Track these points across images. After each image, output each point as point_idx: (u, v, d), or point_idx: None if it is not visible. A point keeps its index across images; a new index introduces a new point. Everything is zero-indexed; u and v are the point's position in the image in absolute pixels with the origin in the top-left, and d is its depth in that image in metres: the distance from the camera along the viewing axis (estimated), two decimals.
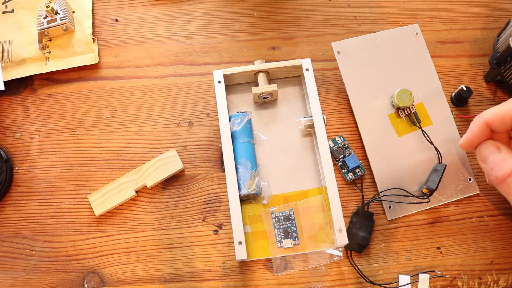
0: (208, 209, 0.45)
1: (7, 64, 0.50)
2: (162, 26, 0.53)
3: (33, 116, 0.49)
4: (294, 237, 0.41)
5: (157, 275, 0.43)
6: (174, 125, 0.48)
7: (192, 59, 0.51)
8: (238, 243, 0.39)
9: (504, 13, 0.53)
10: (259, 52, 0.51)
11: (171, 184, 0.46)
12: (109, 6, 0.54)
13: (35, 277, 0.43)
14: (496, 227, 0.44)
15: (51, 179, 0.46)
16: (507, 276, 0.43)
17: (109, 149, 0.47)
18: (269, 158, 0.45)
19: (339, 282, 0.43)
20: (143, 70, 0.51)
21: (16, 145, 0.48)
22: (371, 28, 0.52)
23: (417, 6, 0.54)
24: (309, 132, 0.46)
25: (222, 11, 0.53)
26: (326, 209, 0.42)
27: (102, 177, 0.46)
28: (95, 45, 0.51)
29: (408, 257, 0.43)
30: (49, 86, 0.50)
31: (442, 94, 0.47)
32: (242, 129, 0.44)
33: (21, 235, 0.45)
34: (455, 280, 0.43)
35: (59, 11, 0.50)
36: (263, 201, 0.43)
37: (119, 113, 0.49)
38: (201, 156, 0.47)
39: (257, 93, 0.45)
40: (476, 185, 0.45)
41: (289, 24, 0.53)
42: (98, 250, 0.44)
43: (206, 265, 0.43)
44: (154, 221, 0.45)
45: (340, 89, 0.50)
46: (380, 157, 0.45)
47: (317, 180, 0.44)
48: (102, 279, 0.43)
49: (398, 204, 0.44)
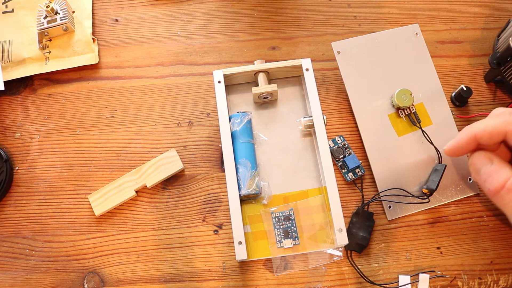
0: (208, 209, 0.45)
1: (7, 64, 0.50)
2: (162, 26, 0.53)
3: (33, 116, 0.49)
4: (294, 237, 0.41)
5: (157, 275, 0.43)
6: (174, 125, 0.48)
7: (192, 59, 0.51)
8: (238, 243, 0.39)
9: (504, 13, 0.53)
10: (259, 52, 0.51)
11: (171, 184, 0.46)
12: (109, 6, 0.54)
13: (35, 277, 0.43)
14: (496, 227, 0.44)
15: (51, 179, 0.46)
16: (507, 276, 0.43)
17: (109, 149, 0.47)
18: (269, 158, 0.45)
19: (339, 282, 0.43)
20: (143, 70, 0.51)
21: (16, 145, 0.48)
22: (371, 28, 0.52)
23: (417, 6, 0.54)
24: (309, 132, 0.46)
25: (222, 11, 0.53)
26: (326, 209, 0.42)
27: (102, 177, 0.46)
28: (95, 45, 0.51)
29: (408, 257, 0.43)
30: (49, 86, 0.50)
31: (442, 94, 0.47)
32: (242, 129, 0.44)
33: (21, 235, 0.45)
34: (455, 280, 0.43)
35: (59, 11, 0.50)
36: (263, 201, 0.43)
37: (119, 113, 0.49)
38: (201, 156, 0.47)
39: (257, 93, 0.45)
40: (476, 185, 0.45)
41: (289, 24, 0.53)
42: (98, 250, 0.44)
43: (206, 265, 0.43)
44: (154, 221, 0.45)
45: (340, 89, 0.50)
46: (380, 157, 0.45)
47: (317, 180, 0.44)
48: (102, 279, 0.43)
49: (398, 204, 0.44)
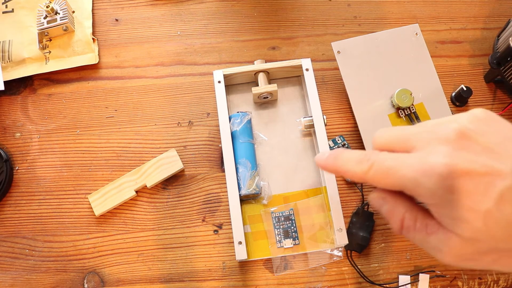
0: (208, 209, 0.45)
1: (7, 64, 0.50)
2: (162, 26, 0.53)
3: (33, 116, 0.49)
4: (294, 237, 0.41)
5: (157, 275, 0.43)
6: (174, 125, 0.48)
7: (192, 59, 0.51)
8: (238, 243, 0.39)
9: (504, 13, 0.53)
10: (259, 52, 0.51)
11: (171, 184, 0.46)
12: (109, 6, 0.54)
13: (35, 277, 0.43)
14: None
15: (51, 179, 0.46)
16: (507, 276, 0.43)
17: (109, 149, 0.47)
18: (269, 158, 0.45)
19: (339, 282, 0.43)
20: (143, 70, 0.51)
21: (16, 145, 0.48)
22: (371, 28, 0.52)
23: (417, 6, 0.54)
24: (309, 132, 0.46)
25: (222, 11, 0.53)
26: (326, 209, 0.42)
27: (102, 177, 0.46)
28: (95, 45, 0.51)
29: (408, 257, 0.43)
30: (49, 86, 0.50)
31: (442, 94, 0.47)
32: (242, 129, 0.44)
33: (21, 235, 0.45)
34: (455, 280, 0.43)
35: (59, 11, 0.50)
36: (263, 201, 0.43)
37: (119, 113, 0.49)
38: (201, 156, 0.47)
39: (257, 93, 0.45)
40: None
41: (289, 24, 0.53)
42: (98, 250, 0.44)
43: (206, 265, 0.43)
44: (154, 221, 0.45)
45: (340, 89, 0.50)
46: None
47: (317, 180, 0.44)
48: (102, 279, 0.43)
49: None
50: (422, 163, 0.26)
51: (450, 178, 0.25)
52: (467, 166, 0.25)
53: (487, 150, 0.26)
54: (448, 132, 0.27)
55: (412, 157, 0.27)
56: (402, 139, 0.28)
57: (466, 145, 0.26)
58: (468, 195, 0.25)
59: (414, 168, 0.26)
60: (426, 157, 0.26)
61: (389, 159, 0.27)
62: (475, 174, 0.25)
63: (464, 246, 0.25)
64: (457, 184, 0.25)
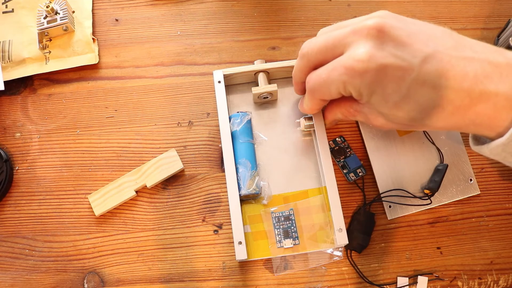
0: (208, 209, 0.45)
1: (7, 64, 0.50)
2: (162, 26, 0.53)
3: (33, 116, 0.49)
4: (294, 237, 0.41)
5: (157, 275, 0.43)
6: (174, 125, 0.48)
7: (192, 59, 0.51)
8: (238, 243, 0.39)
9: (504, 13, 0.53)
10: (259, 52, 0.51)
11: (171, 184, 0.46)
12: (109, 6, 0.54)
13: (35, 277, 0.43)
14: (496, 227, 0.44)
15: (51, 179, 0.46)
16: (507, 276, 0.43)
17: (109, 149, 0.47)
18: (269, 158, 0.45)
19: (339, 282, 0.43)
20: (143, 70, 0.51)
21: (16, 145, 0.48)
22: None
23: (417, 6, 0.54)
24: (309, 132, 0.46)
25: (222, 11, 0.53)
26: (326, 209, 0.42)
27: (102, 177, 0.46)
28: (95, 45, 0.51)
29: (408, 257, 0.43)
30: (49, 86, 0.50)
31: None
32: (242, 129, 0.44)
33: (21, 235, 0.45)
34: (455, 280, 0.43)
35: (59, 11, 0.50)
36: (263, 201, 0.43)
37: (119, 113, 0.49)
38: (201, 156, 0.47)
39: (257, 93, 0.45)
40: (476, 185, 0.45)
41: (289, 24, 0.53)
42: (98, 250, 0.44)
43: (206, 265, 0.43)
44: (154, 221, 0.45)
45: None
46: (381, 157, 0.45)
47: (317, 180, 0.44)
48: (102, 279, 0.43)
49: (398, 204, 0.44)
50: (345, 67, 0.32)
51: (369, 75, 0.31)
52: (385, 61, 0.31)
53: (400, 43, 0.31)
54: (364, 30, 0.32)
55: (336, 63, 0.33)
56: (330, 47, 0.35)
57: (382, 41, 0.31)
58: (384, 88, 0.31)
59: (340, 72, 0.33)
60: (346, 60, 0.32)
61: (317, 74, 0.36)
62: (391, 68, 0.30)
63: (385, 123, 0.35)
64: (377, 79, 0.31)
